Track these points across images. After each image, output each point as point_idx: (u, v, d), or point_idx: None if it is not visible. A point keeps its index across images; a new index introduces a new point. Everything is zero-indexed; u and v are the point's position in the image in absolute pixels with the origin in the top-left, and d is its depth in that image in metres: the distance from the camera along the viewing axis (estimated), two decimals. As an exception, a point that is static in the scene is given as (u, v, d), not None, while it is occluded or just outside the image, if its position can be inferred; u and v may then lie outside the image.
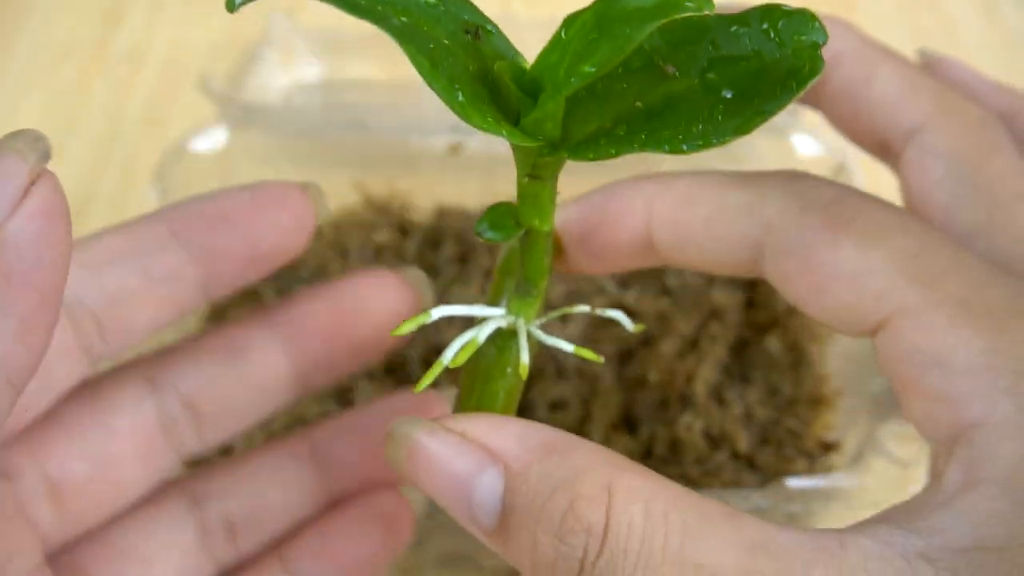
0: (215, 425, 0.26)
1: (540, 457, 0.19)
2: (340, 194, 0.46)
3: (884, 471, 0.34)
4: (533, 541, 0.19)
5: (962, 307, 0.20)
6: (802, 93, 0.19)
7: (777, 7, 0.20)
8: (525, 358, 0.22)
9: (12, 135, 0.19)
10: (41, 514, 0.23)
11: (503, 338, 0.23)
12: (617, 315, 0.24)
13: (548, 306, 0.42)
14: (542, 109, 0.18)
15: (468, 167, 0.45)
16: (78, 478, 0.23)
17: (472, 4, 0.20)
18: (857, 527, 0.19)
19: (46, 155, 0.19)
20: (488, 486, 0.20)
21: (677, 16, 0.16)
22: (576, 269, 0.25)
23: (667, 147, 0.19)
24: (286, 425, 0.37)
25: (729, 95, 0.19)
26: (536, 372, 0.40)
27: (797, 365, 0.41)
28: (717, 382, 0.40)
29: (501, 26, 0.20)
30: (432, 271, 0.43)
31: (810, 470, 0.38)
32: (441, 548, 0.36)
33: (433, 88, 0.17)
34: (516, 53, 0.20)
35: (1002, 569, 0.18)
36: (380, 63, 0.53)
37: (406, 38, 0.17)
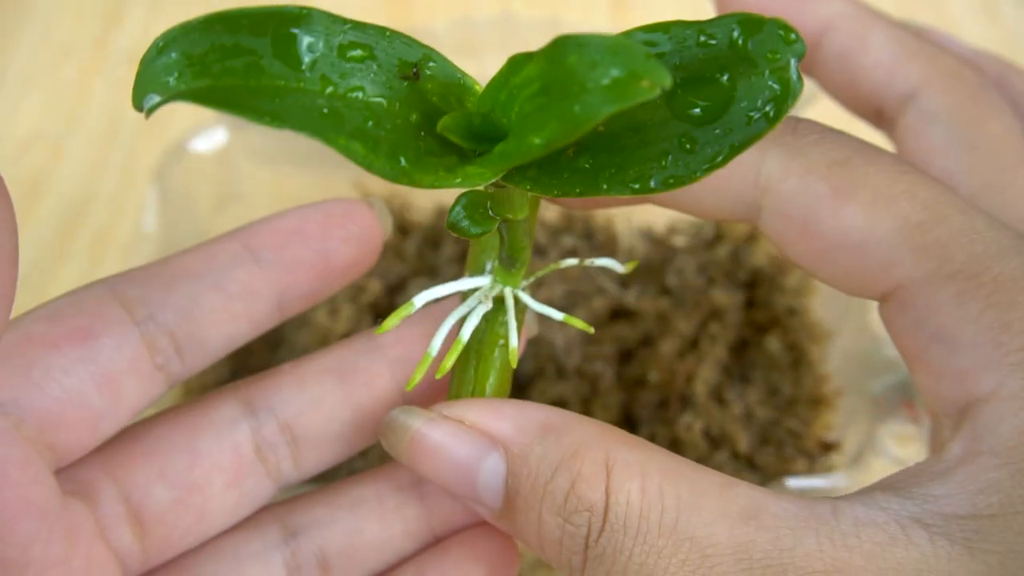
0: (316, 452, 0.24)
1: (538, 438, 0.20)
2: (340, 194, 0.46)
3: (884, 471, 0.34)
4: (539, 521, 0.20)
5: (970, 280, 0.19)
6: (778, 124, 0.18)
7: (748, 17, 0.18)
8: (514, 335, 0.22)
9: None
10: (121, 539, 0.22)
11: (491, 312, 0.22)
12: (606, 262, 0.24)
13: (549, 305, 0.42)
14: (493, 165, 0.17)
15: (468, 167, 0.45)
16: (160, 504, 0.22)
17: (404, 37, 0.18)
18: (853, 495, 0.19)
19: None
20: (491, 471, 0.20)
21: (631, 104, 0.14)
22: (561, 205, 0.24)
23: (636, 186, 0.17)
24: (387, 457, 0.35)
25: (694, 114, 0.18)
26: (536, 372, 0.40)
27: (797, 365, 0.41)
28: (717, 382, 0.40)
29: (501, 26, 0.20)
30: (432, 271, 0.43)
31: (810, 470, 0.38)
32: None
33: (373, 172, 0.16)
34: (462, 77, 0.19)
35: (996, 535, 0.18)
36: (380, 63, 0.53)
37: (333, 126, 0.16)
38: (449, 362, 0.22)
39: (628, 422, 0.40)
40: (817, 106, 0.31)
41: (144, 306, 0.22)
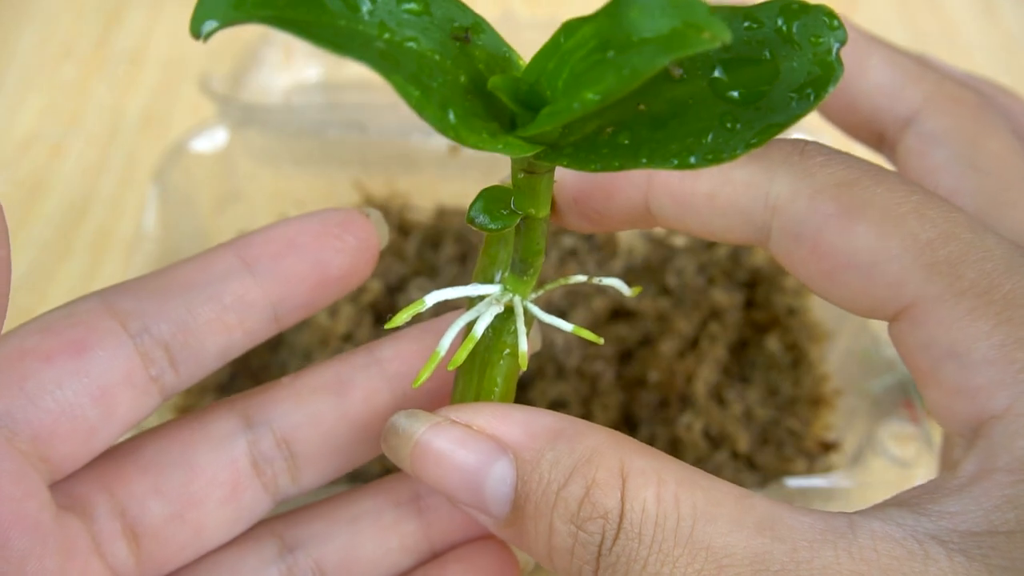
0: (313, 467, 0.24)
1: (549, 444, 0.20)
2: (340, 194, 0.46)
3: (884, 471, 0.34)
4: (549, 529, 0.19)
5: (981, 298, 0.19)
6: (820, 104, 0.18)
7: (793, 2, 0.18)
8: (523, 339, 0.22)
9: None
10: (117, 554, 0.22)
11: (498, 319, 0.22)
12: (613, 282, 0.24)
13: (549, 305, 0.42)
14: (540, 127, 0.17)
15: (468, 167, 0.45)
16: (156, 519, 0.22)
17: (458, 2, 0.19)
18: (868, 510, 0.19)
19: None
20: (499, 476, 0.20)
21: (690, 52, 0.14)
22: (568, 227, 0.24)
23: (675, 162, 0.18)
24: (389, 467, 0.35)
25: (736, 95, 0.18)
26: (536, 372, 0.40)
27: (797, 365, 0.42)
28: (717, 382, 0.40)
29: (501, 26, 0.20)
30: (432, 271, 0.43)
31: (810, 470, 0.38)
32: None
33: (424, 117, 0.16)
34: (508, 51, 0.19)
35: (1014, 552, 0.18)
36: (380, 63, 0.53)
37: (390, 66, 0.17)
38: (462, 355, 0.21)
39: (628, 422, 0.40)
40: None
41: (138, 318, 0.22)
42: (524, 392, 0.40)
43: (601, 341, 0.23)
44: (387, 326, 0.22)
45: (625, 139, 0.18)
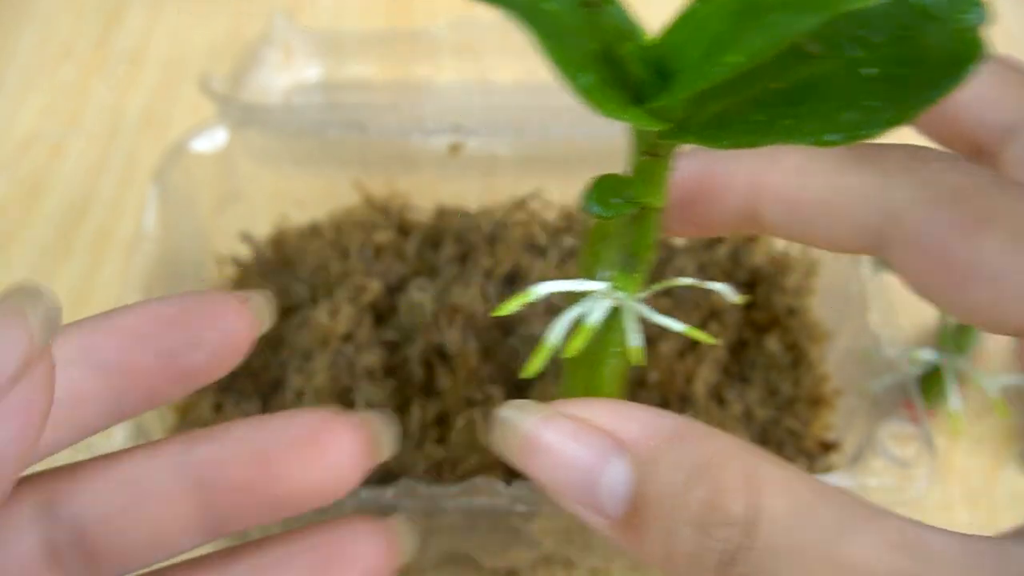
0: (110, 563, 0.22)
1: (669, 444, 0.19)
2: (340, 194, 0.46)
3: (884, 471, 0.34)
4: (670, 533, 0.18)
5: None
6: (966, 81, 0.17)
7: None
8: (636, 338, 0.21)
9: (22, 293, 0.17)
10: None
11: (606, 316, 0.21)
12: (719, 287, 0.23)
13: (552, 305, 0.42)
14: (674, 96, 0.16)
15: (468, 167, 0.45)
16: None
17: None
18: (1008, 534, 0.18)
19: (53, 323, 0.17)
20: (615, 475, 0.19)
21: (844, 10, 0.14)
22: (673, 232, 0.23)
23: (811, 139, 0.17)
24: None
25: (874, 72, 0.18)
26: (536, 372, 0.40)
27: (797, 365, 0.42)
28: (717, 382, 0.40)
29: (501, 27, 0.20)
30: (432, 271, 0.43)
31: (810, 470, 0.38)
32: (441, 548, 0.36)
33: (564, 77, 0.16)
34: (635, 24, 0.19)
35: None
36: (380, 63, 0.53)
37: (532, 21, 0.16)
38: (577, 343, 0.21)
39: (628, 422, 0.40)
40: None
41: None
42: (523, 393, 0.40)
43: (715, 341, 0.22)
44: (494, 313, 0.21)
45: (761, 116, 0.18)
